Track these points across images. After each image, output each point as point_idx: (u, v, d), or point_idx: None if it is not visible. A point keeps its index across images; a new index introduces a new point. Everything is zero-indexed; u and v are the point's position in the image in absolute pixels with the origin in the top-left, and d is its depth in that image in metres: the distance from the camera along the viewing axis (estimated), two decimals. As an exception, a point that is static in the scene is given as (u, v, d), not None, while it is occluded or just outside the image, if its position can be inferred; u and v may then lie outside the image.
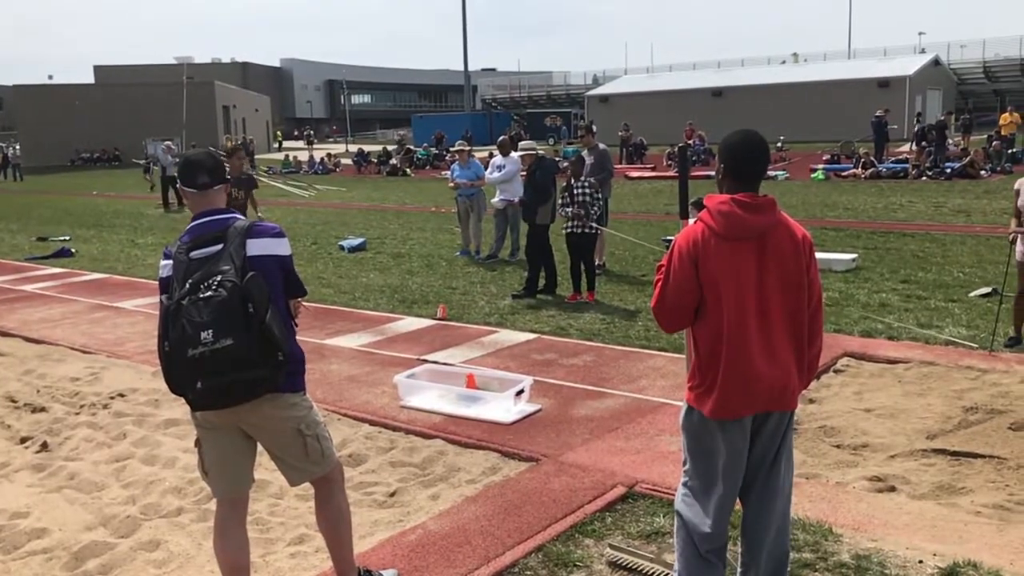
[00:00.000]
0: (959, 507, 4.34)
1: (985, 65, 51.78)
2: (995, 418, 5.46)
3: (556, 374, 6.78)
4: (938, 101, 45.32)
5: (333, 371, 7.03)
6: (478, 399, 5.95)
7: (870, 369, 6.71)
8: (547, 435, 5.44)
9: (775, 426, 3.20)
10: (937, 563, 3.72)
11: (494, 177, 12.32)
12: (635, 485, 4.62)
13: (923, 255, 11.45)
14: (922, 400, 5.91)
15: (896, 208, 17.10)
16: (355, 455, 5.25)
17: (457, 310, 9.15)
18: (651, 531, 4.13)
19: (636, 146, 35.36)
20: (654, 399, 6.07)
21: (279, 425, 3.29)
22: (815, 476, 4.75)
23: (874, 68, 47.05)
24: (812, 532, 4.01)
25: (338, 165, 39.18)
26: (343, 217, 19.26)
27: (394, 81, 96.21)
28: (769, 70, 54.58)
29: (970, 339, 7.22)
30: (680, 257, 3.20)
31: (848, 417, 5.65)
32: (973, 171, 23.06)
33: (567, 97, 65.02)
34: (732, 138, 3.33)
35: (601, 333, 8.01)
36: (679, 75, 57.74)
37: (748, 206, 3.14)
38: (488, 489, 4.65)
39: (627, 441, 5.30)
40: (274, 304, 3.12)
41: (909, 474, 4.76)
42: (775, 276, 3.13)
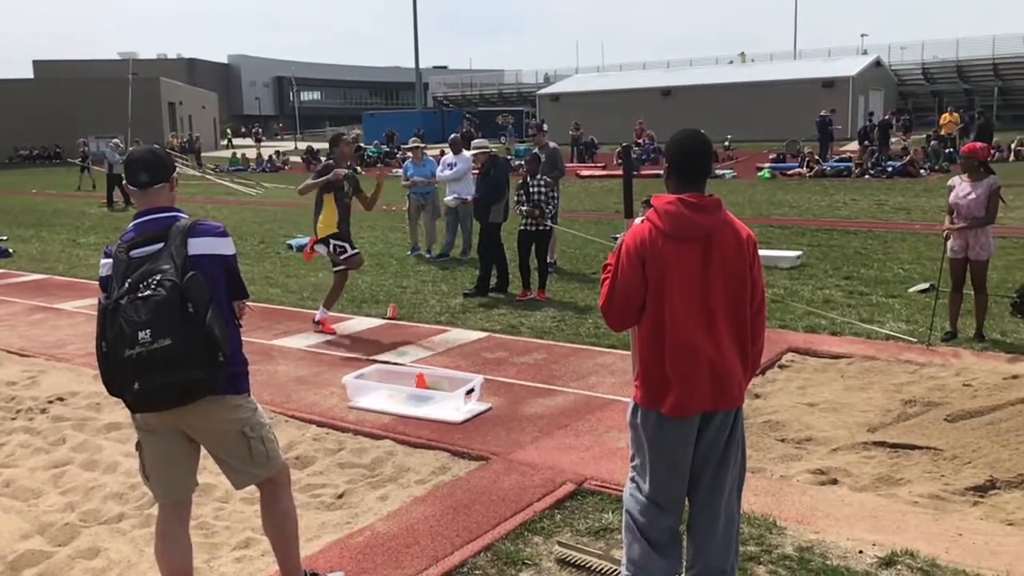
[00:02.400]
0: (898, 498, 4.46)
1: (924, 67, 53.19)
2: (932, 410, 5.62)
3: (507, 372, 6.79)
4: (880, 101, 46.39)
5: (280, 372, 6.94)
6: (428, 399, 5.93)
7: (814, 364, 6.85)
8: (497, 434, 5.44)
9: (721, 422, 3.25)
10: (876, 553, 3.81)
11: (446, 175, 12.28)
12: (584, 482, 4.65)
13: (865, 252, 11.72)
14: (863, 394, 6.05)
15: (840, 206, 17.47)
16: (302, 457, 5.19)
17: (407, 309, 9.10)
18: (600, 527, 4.16)
19: (587, 145, 35.57)
20: (604, 396, 6.11)
21: (222, 427, 3.23)
22: (760, 470, 4.83)
23: (819, 68, 48.00)
24: (757, 525, 4.08)
25: (287, 163, 38.70)
26: (291, 215, 19.01)
27: (344, 78, 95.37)
28: (717, 70, 55.31)
29: (909, 334, 7.41)
30: (627, 256, 3.23)
31: (792, 411, 5.75)
32: (913, 170, 23.68)
33: (519, 95, 65.11)
34: (677, 138, 3.38)
35: (552, 331, 8.04)
36: (629, 74, 58.21)
37: (694, 206, 3.18)
38: (437, 489, 4.63)
39: (577, 438, 5.33)
40: (216, 304, 3.07)
41: (851, 466, 4.87)
42: (720, 275, 3.17)
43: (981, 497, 4.46)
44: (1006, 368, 6.44)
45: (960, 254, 7.16)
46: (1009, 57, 51.68)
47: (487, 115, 54.52)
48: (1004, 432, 5.22)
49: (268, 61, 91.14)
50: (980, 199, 6.96)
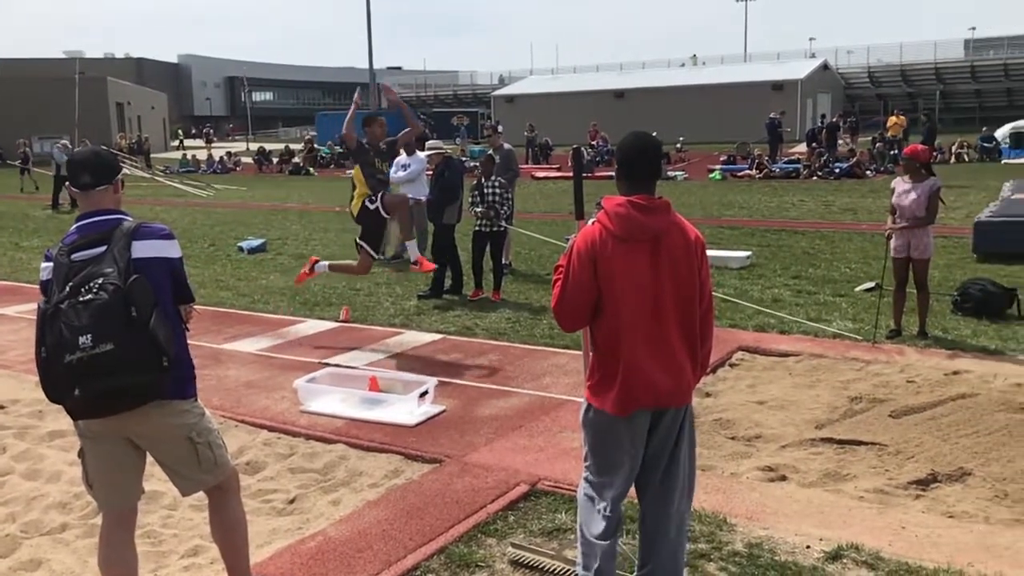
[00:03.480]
0: (844, 493, 4.55)
1: (870, 70, 54.46)
2: (877, 407, 5.75)
3: (461, 374, 6.78)
4: (827, 104, 47.36)
5: (230, 376, 6.84)
6: (381, 402, 5.89)
7: (763, 362, 6.96)
8: (451, 436, 5.43)
9: (671, 421, 3.29)
10: (823, 547, 3.88)
11: (399, 176, 12.19)
12: (538, 483, 4.66)
13: (813, 252, 11.95)
14: (811, 391, 6.17)
15: (788, 207, 17.78)
16: (253, 462, 5.12)
17: (361, 312, 9.04)
18: (553, 528, 4.18)
19: (542, 146, 35.70)
20: (558, 396, 6.14)
21: (168, 433, 3.18)
22: (711, 468, 4.89)
23: (768, 72, 48.86)
24: (707, 523, 4.13)
25: (238, 164, 38.15)
26: (243, 217, 18.76)
27: (297, 78, 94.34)
28: (669, 72, 55.95)
29: (855, 332, 7.56)
30: (579, 258, 3.25)
31: (742, 409, 5.84)
32: (859, 171, 24.20)
33: (474, 97, 65.12)
34: (626, 141, 3.42)
35: (507, 332, 8.05)
36: (583, 76, 58.61)
37: (644, 208, 3.22)
38: (390, 493, 4.61)
39: (531, 439, 5.34)
40: (160, 308, 3.02)
41: (799, 463, 4.96)
42: (669, 276, 3.22)
43: (923, 491, 4.58)
44: (947, 364, 6.61)
45: (903, 253, 7.33)
46: (950, 62, 53.21)
47: (442, 116, 54.42)
48: (945, 427, 5.36)
49: (219, 61, 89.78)
50: (921, 200, 7.14)
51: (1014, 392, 5.93)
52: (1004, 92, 50.80)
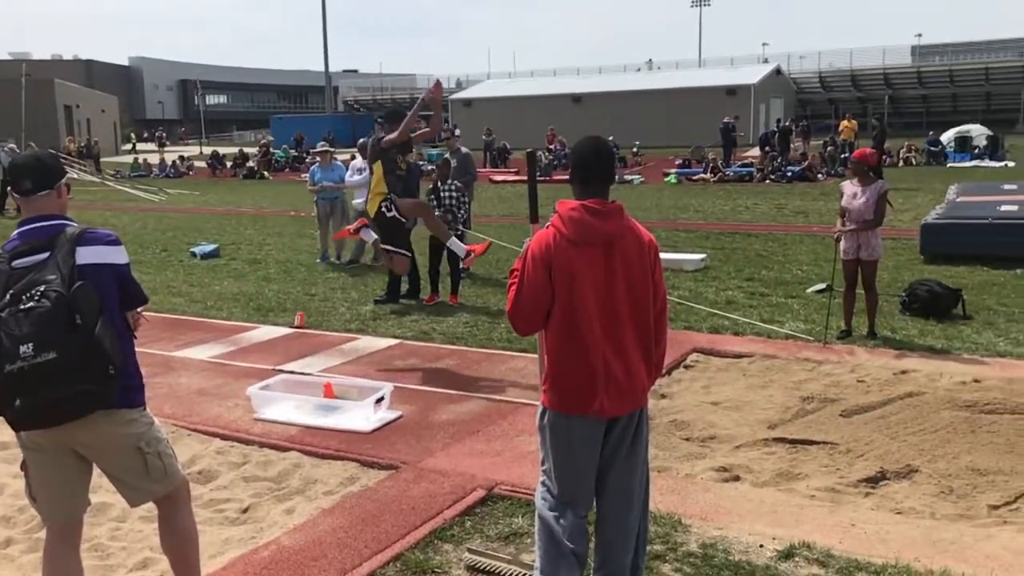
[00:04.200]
0: (796, 492, 4.62)
1: (821, 76, 55.47)
2: (828, 406, 5.85)
3: (418, 379, 6.75)
4: (780, 109, 48.15)
5: (182, 384, 6.73)
6: (336, 408, 5.84)
7: (717, 364, 7.04)
8: (407, 442, 5.40)
9: (626, 424, 3.31)
10: (776, 546, 3.93)
11: (355, 180, 12.15)
12: (495, 487, 4.65)
13: (766, 254, 12.13)
14: (764, 392, 6.25)
15: (742, 210, 18.03)
16: (205, 471, 5.04)
17: (316, 317, 8.95)
18: (510, 532, 4.17)
19: (500, 150, 35.75)
20: (515, 400, 6.14)
21: (116, 443, 3.11)
22: (666, 469, 4.93)
23: (722, 77, 49.52)
24: (663, 524, 4.16)
25: (191, 168, 37.58)
26: (196, 222, 18.47)
27: (251, 81, 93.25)
28: (625, 77, 56.41)
29: (807, 333, 7.69)
30: (533, 262, 3.27)
31: (697, 411, 5.90)
32: (811, 175, 24.64)
33: (431, 100, 64.81)
34: (579, 146, 3.44)
35: (464, 336, 8.03)
36: (540, 80, 58.83)
37: (597, 212, 3.24)
38: (346, 500, 4.57)
39: (487, 443, 5.34)
40: (106, 315, 2.96)
41: (752, 463, 5.02)
42: (622, 279, 3.24)
43: (872, 488, 4.67)
44: (896, 364, 6.75)
45: (852, 255, 7.48)
46: (898, 68, 54.43)
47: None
48: (894, 425, 5.48)
49: (171, 63, 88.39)
50: (869, 202, 7.29)
51: (959, 390, 6.08)
52: (949, 97, 52.10)
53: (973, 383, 6.24)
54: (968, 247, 10.95)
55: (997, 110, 48.40)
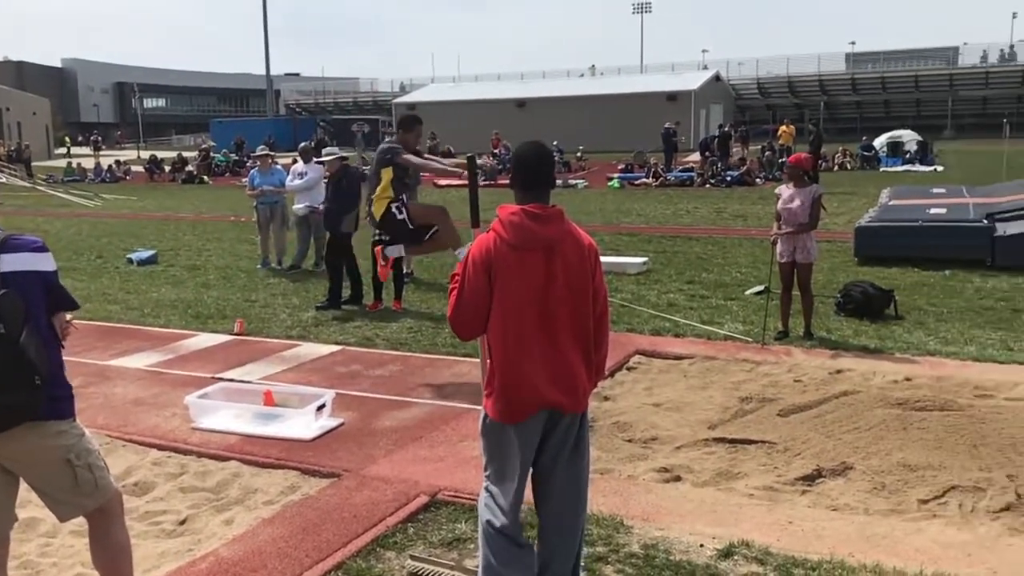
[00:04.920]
0: (735, 491, 4.69)
1: (759, 82, 56.67)
2: (766, 406, 5.96)
3: (360, 386, 6.69)
4: (720, 114, 49.02)
5: (117, 394, 6.55)
6: (277, 416, 5.75)
7: (659, 365, 7.12)
8: (349, 449, 5.35)
9: (567, 427, 3.32)
10: (715, 546, 3.99)
11: (296, 184, 12.00)
12: (438, 493, 4.64)
13: (706, 257, 12.32)
14: (704, 393, 6.35)
15: (683, 214, 18.29)
16: (141, 483, 4.92)
17: (256, 324, 8.81)
18: (453, 538, 4.16)
19: (444, 154, 35.65)
20: (459, 405, 6.12)
21: (44, 456, 3.02)
22: (609, 471, 4.97)
23: (664, 82, 50.22)
24: (605, 526, 4.19)
25: (128, 172, 36.67)
26: (132, 228, 18.03)
27: (191, 84, 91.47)
28: (569, 82, 56.84)
29: (746, 334, 7.83)
30: (473, 266, 3.27)
31: (639, 412, 5.96)
32: (750, 179, 25.12)
33: (374, 104, 64.59)
34: (519, 151, 3.45)
35: (408, 342, 7.98)
36: (484, 85, 58.91)
37: (537, 217, 3.26)
38: (286, 509, 4.50)
39: (431, 449, 5.31)
40: (32, 324, 2.87)
41: (693, 463, 5.09)
42: (563, 283, 3.26)
43: (809, 486, 4.77)
44: (831, 364, 6.92)
45: (788, 258, 7.64)
46: (833, 75, 55.91)
47: (342, 123, 53.76)
48: (829, 424, 5.61)
49: (107, 66, 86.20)
50: (804, 206, 7.46)
51: (891, 388, 6.25)
52: (882, 104, 53.69)
53: (905, 381, 6.42)
54: (900, 249, 11.28)
55: (927, 116, 50.04)
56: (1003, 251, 10.77)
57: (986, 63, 55.59)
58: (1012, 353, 7.08)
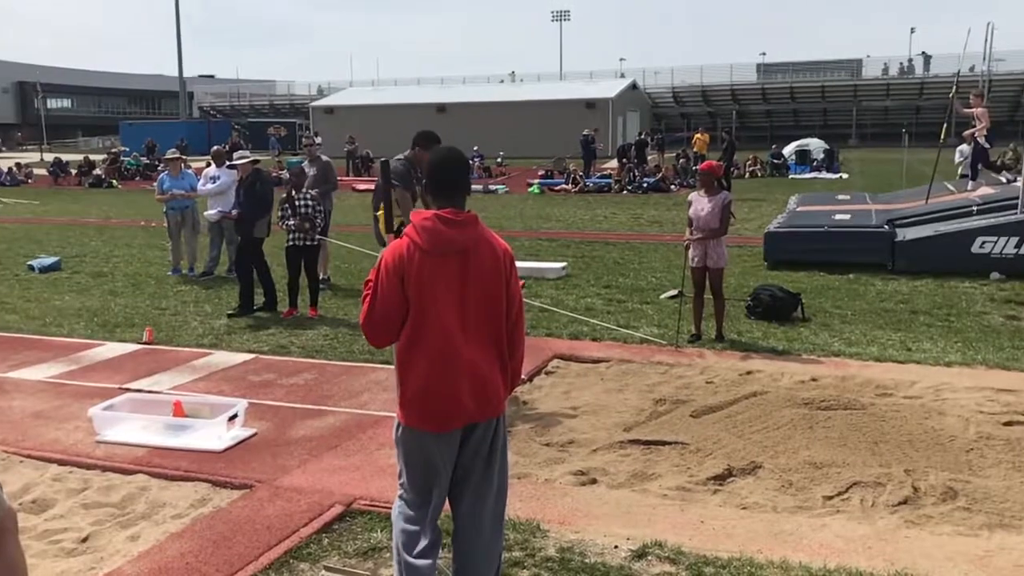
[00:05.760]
0: (649, 492, 4.78)
1: (674, 90, 57.94)
2: (680, 407, 6.09)
3: (274, 395, 6.55)
4: (636, 122, 49.93)
5: (15, 407, 6.26)
6: (186, 427, 5.59)
7: (577, 369, 7.20)
8: (263, 460, 5.24)
9: (483, 434, 3.32)
10: (629, 546, 4.06)
11: (208, 189, 11.70)
12: (353, 502, 4.58)
13: (623, 262, 12.52)
14: (620, 395, 6.44)
15: (601, 220, 18.54)
16: (40, 500, 4.71)
17: (166, 332, 8.54)
18: (369, 548, 4.11)
19: (363, 159, 35.30)
20: (375, 413, 6.06)
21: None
22: (526, 475, 4.99)
23: (582, 90, 50.87)
24: (521, 530, 4.21)
25: (31, 176, 35.09)
26: (34, 233, 17.25)
27: (99, 85, 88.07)
28: (489, 88, 57.03)
29: (660, 337, 7.99)
30: (386, 272, 3.24)
31: (557, 416, 6.01)
32: (665, 185, 25.64)
33: (291, 107, 63.54)
34: (434, 156, 3.45)
35: (324, 350, 7.86)
36: (404, 89, 58.60)
37: (451, 222, 3.25)
38: (196, 523, 4.37)
39: (347, 458, 5.24)
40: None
41: (608, 465, 5.16)
42: (477, 289, 3.26)
43: (720, 485, 4.88)
44: (741, 365, 7.11)
45: (700, 263, 7.83)
46: (745, 84, 57.58)
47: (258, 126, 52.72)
48: (740, 424, 5.76)
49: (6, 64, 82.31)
50: (715, 212, 7.66)
51: (799, 389, 6.47)
52: (791, 113, 55.51)
53: (811, 382, 6.65)
54: (807, 254, 11.67)
55: (833, 125, 51.98)
56: (903, 255, 11.27)
57: (887, 75, 58.14)
58: (910, 353, 7.41)
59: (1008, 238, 10.81)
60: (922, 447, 5.30)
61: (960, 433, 5.50)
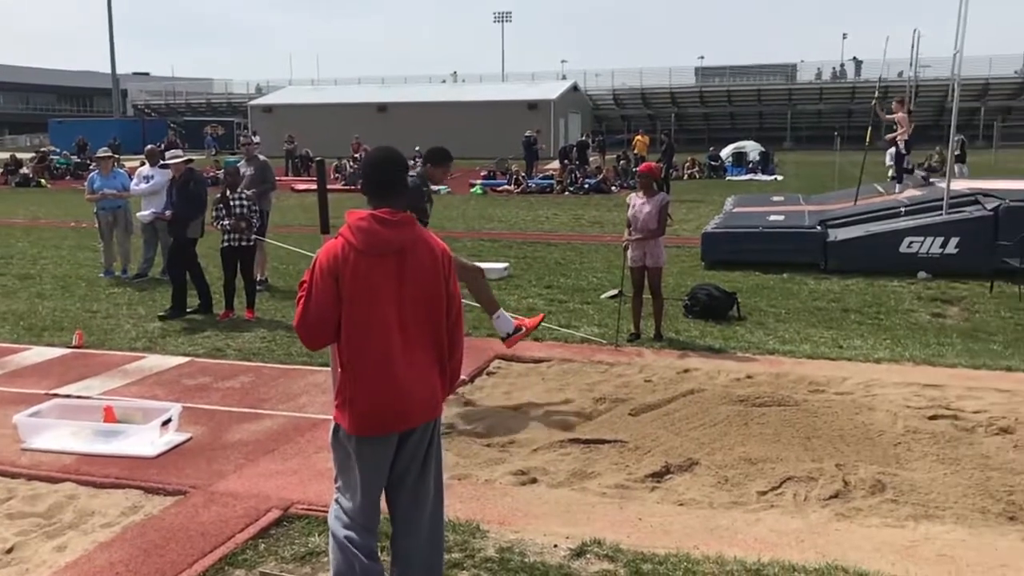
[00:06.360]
0: (589, 490, 4.81)
1: (614, 93, 58.52)
2: (619, 406, 6.15)
3: (210, 398, 6.43)
4: (578, 124, 50.30)
5: (-66, 416, 6.02)
6: (118, 433, 5.44)
7: (518, 369, 7.22)
8: (197, 465, 5.13)
9: (420, 436, 3.31)
10: (569, 545, 4.08)
11: (141, 189, 11.42)
12: (291, 507, 4.52)
13: (564, 262, 12.60)
14: (561, 395, 6.48)
15: (543, 220, 18.64)
16: (-39, 512, 4.53)
17: (98, 336, 8.30)
18: (306, 552, 4.06)
19: (302, 158, 34.85)
20: (314, 416, 5.98)
21: None
22: (466, 476, 4.99)
23: (524, 91, 51.07)
24: (461, 531, 4.20)
25: (-49, 174, 33.74)
26: (-43, 235, 16.61)
27: (26, 81, 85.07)
28: (431, 88, 56.83)
29: (601, 336, 8.06)
30: (321, 273, 3.20)
31: (498, 416, 6.02)
32: (606, 186, 25.90)
33: (229, 106, 62.39)
34: (370, 156, 3.42)
35: (261, 352, 7.74)
36: (344, 89, 58.01)
37: (386, 222, 3.22)
38: (127, 531, 4.26)
39: (284, 462, 5.17)
40: None
41: (549, 465, 5.18)
42: (415, 290, 3.23)
43: (658, 482, 4.95)
44: (679, 363, 7.22)
45: (639, 263, 7.92)
46: (683, 87, 58.45)
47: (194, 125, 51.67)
48: (677, 421, 5.85)
49: (-75, 57, 79.14)
50: (653, 213, 7.77)
51: (734, 386, 6.59)
52: (728, 116, 56.54)
53: (746, 379, 6.78)
54: (743, 254, 11.91)
55: (768, 128, 53.09)
56: (834, 255, 11.57)
57: (820, 80, 59.64)
58: (842, 350, 7.61)
59: (934, 238, 11.19)
60: (852, 442, 5.45)
61: (888, 428, 5.67)
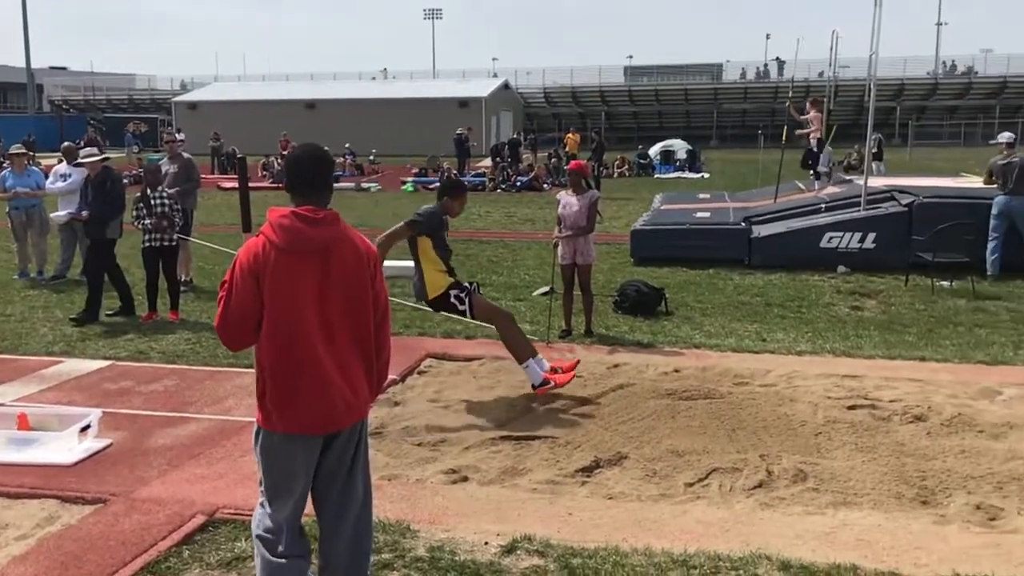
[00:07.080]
0: (520, 487, 4.83)
1: (545, 91, 58.85)
2: (551, 402, 6.19)
3: (132, 403, 6.25)
4: (509, 122, 50.42)
5: None
6: (32, 441, 5.24)
7: (449, 368, 7.21)
8: (118, 472, 4.98)
9: (347, 437, 3.27)
10: (499, 542, 4.10)
11: (57, 187, 11.01)
12: (216, 512, 4.42)
13: (496, 260, 12.62)
14: (493, 392, 6.49)
15: (475, 218, 18.62)
16: None
17: (11, 340, 7.99)
18: (233, 558, 3.99)
19: (228, 156, 34.11)
20: (240, 419, 5.86)
21: None
22: (396, 476, 4.96)
23: (455, 89, 50.98)
24: (391, 532, 4.17)
25: None
26: None
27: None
28: (360, 85, 56.28)
29: (533, 333, 8.07)
30: (241, 272, 3.14)
31: (429, 415, 5.99)
32: (538, 184, 26.05)
33: (152, 102, 60.67)
34: (293, 153, 3.36)
35: (186, 354, 7.55)
36: (272, 85, 57.04)
37: (309, 220, 3.17)
38: (42, 543, 4.11)
39: (209, 467, 5.06)
40: None
41: (480, 462, 5.19)
42: (339, 289, 3.19)
43: (588, 477, 5.00)
44: (609, 359, 7.31)
45: (569, 260, 7.99)
46: (613, 86, 59.12)
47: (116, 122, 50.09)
48: (607, 416, 5.92)
49: None
50: (583, 210, 7.84)
51: (662, 380, 6.70)
52: (656, 115, 57.37)
53: (674, 373, 6.90)
54: (670, 250, 12.10)
55: (695, 127, 54.04)
56: (758, 251, 11.86)
57: (745, 79, 60.98)
58: (765, 343, 7.81)
59: (852, 233, 11.57)
60: (775, 432, 5.60)
61: (810, 418, 5.84)
